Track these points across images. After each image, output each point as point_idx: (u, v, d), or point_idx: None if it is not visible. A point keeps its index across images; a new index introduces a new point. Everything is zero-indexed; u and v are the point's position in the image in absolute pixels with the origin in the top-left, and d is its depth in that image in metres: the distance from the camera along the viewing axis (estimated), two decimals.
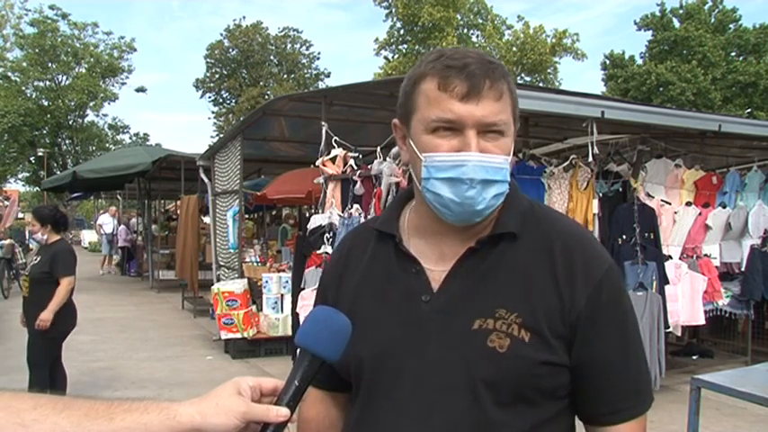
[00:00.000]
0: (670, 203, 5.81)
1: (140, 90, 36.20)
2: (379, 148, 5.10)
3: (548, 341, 1.00)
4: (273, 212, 14.52)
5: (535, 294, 1.02)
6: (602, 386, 1.04)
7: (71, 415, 0.76)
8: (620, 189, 5.41)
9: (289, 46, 39.58)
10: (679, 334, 6.18)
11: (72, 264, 4.72)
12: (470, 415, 0.99)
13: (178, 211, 12.82)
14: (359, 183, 5.09)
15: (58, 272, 4.59)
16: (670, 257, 5.69)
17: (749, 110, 27.52)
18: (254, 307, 7.29)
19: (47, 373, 4.68)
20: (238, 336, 7.00)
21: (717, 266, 6.10)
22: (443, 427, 1.00)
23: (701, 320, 5.84)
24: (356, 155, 5.52)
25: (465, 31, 34.61)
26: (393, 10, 32.50)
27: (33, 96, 32.13)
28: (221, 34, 38.77)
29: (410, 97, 1.06)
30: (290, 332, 6.79)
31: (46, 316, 4.51)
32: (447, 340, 1.02)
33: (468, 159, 0.99)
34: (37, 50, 30.82)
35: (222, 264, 8.43)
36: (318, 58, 40.46)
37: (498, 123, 1.00)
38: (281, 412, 0.84)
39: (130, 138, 36.65)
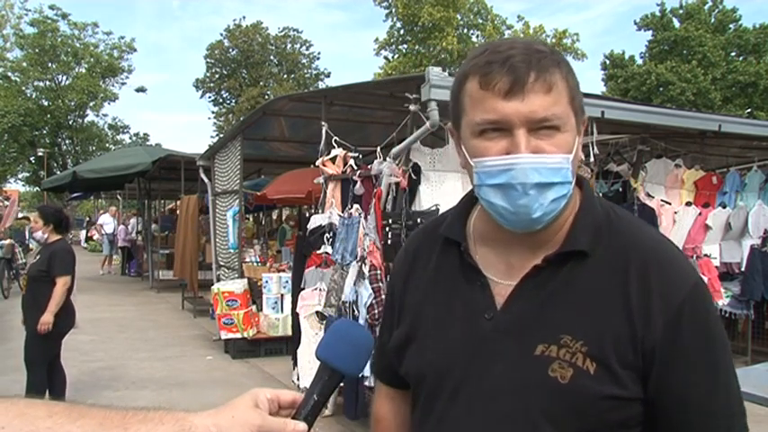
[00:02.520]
0: (670, 203, 5.81)
1: (140, 90, 36.24)
2: (379, 148, 5.09)
3: (615, 373, 0.90)
4: (275, 215, 14.54)
5: (604, 320, 0.92)
6: (687, 420, 0.93)
7: (85, 424, 0.76)
8: (620, 189, 5.41)
9: (289, 46, 39.58)
10: None
11: (69, 263, 4.72)
12: None
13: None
14: (359, 183, 5.08)
15: (55, 271, 4.59)
16: None
17: (749, 110, 27.51)
18: (254, 307, 7.28)
19: (45, 372, 4.68)
20: (238, 336, 7.00)
21: (717, 266, 6.10)
22: None
23: None
24: (356, 155, 5.51)
25: (465, 31, 34.59)
26: (393, 10, 32.47)
27: (33, 96, 32.13)
28: (221, 34, 38.81)
29: (457, 100, 0.99)
30: (290, 332, 6.78)
31: (47, 319, 4.51)
32: (507, 364, 0.95)
33: (517, 162, 0.90)
34: (37, 50, 30.83)
35: (222, 264, 8.43)
36: (318, 58, 40.49)
37: (550, 118, 0.91)
38: (298, 427, 0.82)
39: (130, 138, 36.67)
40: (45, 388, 4.62)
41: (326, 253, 5.14)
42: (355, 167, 5.29)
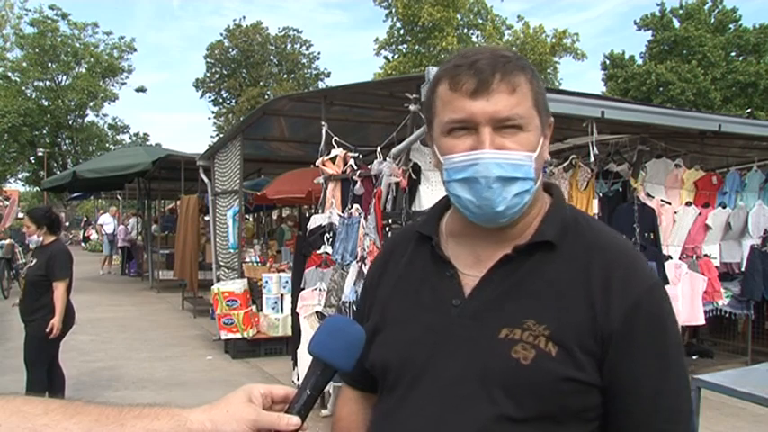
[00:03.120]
0: (670, 203, 5.81)
1: (140, 90, 36.22)
2: (379, 148, 5.09)
3: (576, 357, 0.95)
4: (275, 214, 14.53)
5: (567, 308, 0.97)
6: (635, 413, 0.97)
7: (82, 420, 0.77)
8: (620, 189, 5.41)
9: (289, 46, 39.58)
10: None
11: (67, 266, 4.70)
12: (487, 425, 0.95)
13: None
14: (359, 183, 5.08)
15: (54, 275, 4.56)
16: (670, 257, 5.69)
17: (749, 110, 27.49)
18: (254, 307, 7.28)
19: (44, 373, 4.68)
20: (238, 336, 7.00)
21: (717, 266, 6.10)
22: (459, 430, 0.97)
23: (701, 320, 5.84)
24: (356, 155, 5.51)
25: (465, 31, 34.58)
26: (393, 10, 32.47)
27: (33, 96, 32.13)
28: (221, 34, 38.83)
29: (430, 103, 1.05)
30: (290, 332, 6.78)
31: (57, 323, 4.53)
32: (472, 347, 0.99)
33: (481, 157, 0.96)
34: (37, 50, 30.83)
35: (222, 264, 8.43)
36: (318, 58, 40.51)
37: (514, 117, 0.96)
38: (291, 421, 0.84)
39: (130, 138, 36.66)
40: (45, 387, 4.62)
41: (326, 253, 5.14)
42: (355, 167, 5.29)
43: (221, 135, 19.48)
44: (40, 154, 31.75)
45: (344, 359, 0.91)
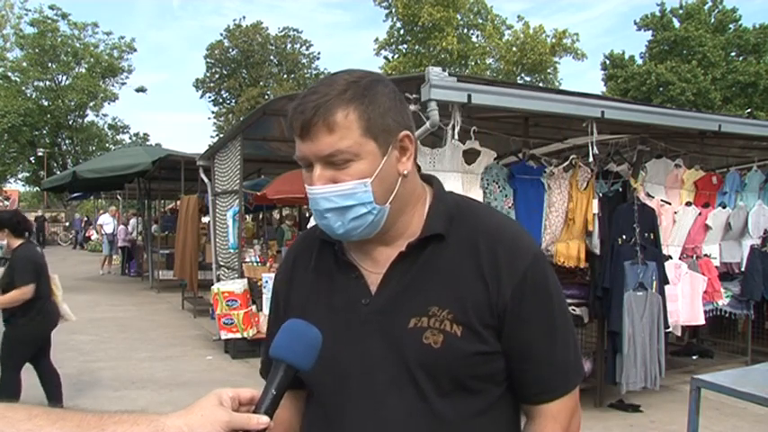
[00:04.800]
0: (670, 203, 5.80)
1: (140, 90, 36.28)
2: None
3: (478, 333, 1.06)
4: (276, 214, 14.50)
5: (464, 290, 1.08)
6: (531, 369, 1.11)
7: (64, 426, 0.80)
8: (620, 189, 5.40)
9: (289, 46, 39.61)
10: (679, 334, 6.17)
11: (29, 272, 4.45)
12: (417, 406, 1.07)
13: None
14: None
15: (16, 282, 4.40)
16: (670, 257, 5.69)
17: (749, 110, 27.50)
18: (253, 307, 7.28)
19: (17, 374, 4.53)
20: (238, 336, 7.00)
21: (717, 266, 6.10)
22: (394, 418, 1.07)
23: (701, 320, 5.84)
24: None
25: (465, 31, 34.61)
26: (393, 10, 32.51)
27: (33, 96, 32.16)
28: (221, 34, 38.86)
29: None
30: None
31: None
32: (387, 339, 1.09)
33: (312, 193, 1.08)
34: (37, 50, 30.86)
35: (222, 264, 8.43)
36: (318, 58, 40.55)
37: (336, 153, 1.04)
38: (261, 420, 0.91)
39: (130, 138, 36.69)
40: (15, 391, 4.44)
41: None
42: None
43: (221, 135, 19.49)
44: (40, 154, 31.79)
45: (304, 360, 0.98)
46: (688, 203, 5.93)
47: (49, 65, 31.83)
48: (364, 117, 1.06)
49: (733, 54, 29.65)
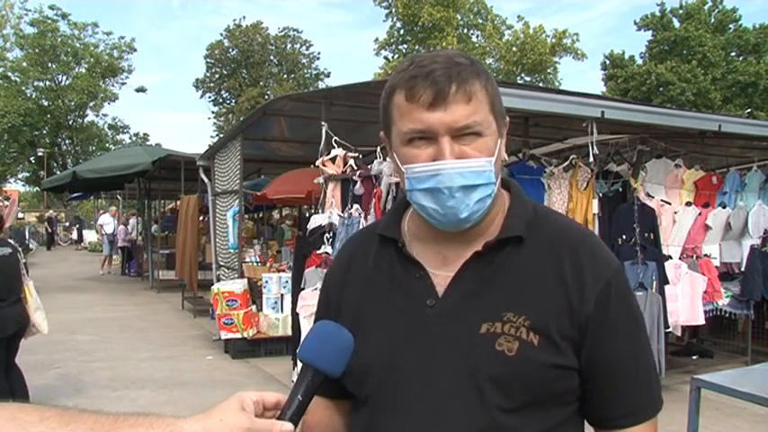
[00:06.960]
0: (670, 203, 5.81)
1: (140, 90, 36.28)
2: (379, 148, 5.10)
3: (556, 343, 0.98)
4: (276, 215, 14.49)
5: (543, 296, 1.00)
6: (615, 388, 1.02)
7: (77, 429, 0.77)
8: (620, 189, 5.40)
9: (289, 46, 39.60)
10: (679, 334, 6.17)
11: None
12: (479, 420, 0.97)
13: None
14: (359, 183, 5.09)
15: None
16: (670, 257, 5.69)
17: (749, 110, 27.50)
18: (254, 307, 7.29)
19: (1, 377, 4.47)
20: (238, 336, 7.00)
21: (717, 266, 6.10)
22: (455, 427, 0.98)
23: (701, 320, 5.84)
24: (356, 155, 5.51)
25: (465, 31, 34.62)
26: (393, 10, 32.51)
27: (33, 96, 32.16)
28: (221, 34, 38.82)
29: (387, 111, 1.05)
30: (290, 332, 6.79)
31: None
32: (454, 345, 1.00)
33: (443, 168, 0.98)
34: (37, 50, 30.86)
35: (222, 264, 8.43)
36: (318, 58, 40.52)
37: (472, 125, 0.98)
38: (284, 427, 0.85)
39: (130, 138, 36.69)
40: (6, 393, 4.38)
41: (326, 253, 5.15)
42: (355, 167, 5.30)
43: (221, 135, 19.48)
44: (40, 154, 31.79)
45: (334, 365, 0.92)
46: (688, 203, 5.93)
47: (49, 65, 31.82)
48: (491, 93, 1.02)
49: (733, 54, 29.64)
